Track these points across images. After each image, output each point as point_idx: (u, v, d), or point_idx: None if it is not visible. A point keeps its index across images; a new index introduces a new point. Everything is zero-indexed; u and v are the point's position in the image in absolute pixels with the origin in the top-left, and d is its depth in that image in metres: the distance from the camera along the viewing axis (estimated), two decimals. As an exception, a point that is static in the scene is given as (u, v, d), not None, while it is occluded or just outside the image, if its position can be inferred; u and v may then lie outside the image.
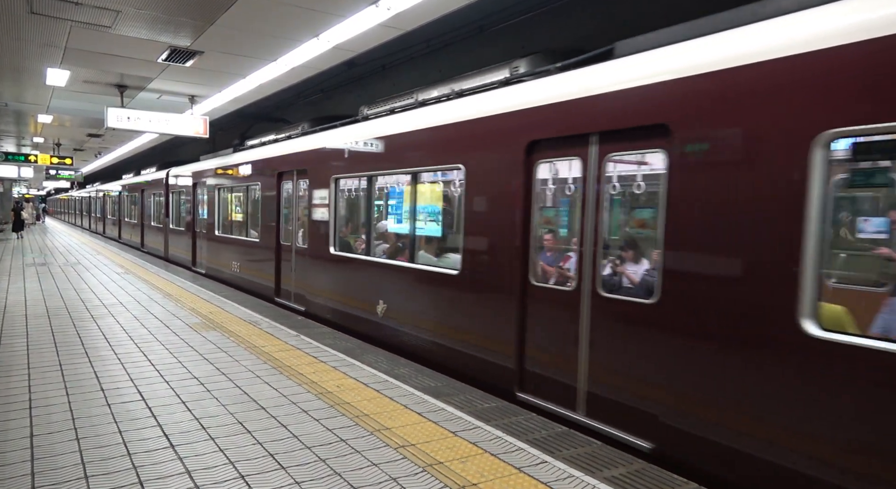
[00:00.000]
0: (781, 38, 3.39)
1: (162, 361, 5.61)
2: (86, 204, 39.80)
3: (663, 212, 3.98)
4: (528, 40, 7.85)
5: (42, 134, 20.70)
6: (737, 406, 3.52)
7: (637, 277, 4.53)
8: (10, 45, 9.06)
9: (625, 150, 4.37)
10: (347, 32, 7.72)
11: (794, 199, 3.26)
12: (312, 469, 3.41)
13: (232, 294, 10.06)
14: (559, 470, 3.47)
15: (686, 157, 3.83)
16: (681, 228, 3.85)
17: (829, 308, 3.38)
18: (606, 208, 4.50)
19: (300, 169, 9.32)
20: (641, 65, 4.20)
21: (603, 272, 4.54)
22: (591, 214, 4.57)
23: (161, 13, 7.46)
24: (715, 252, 3.65)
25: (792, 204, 3.26)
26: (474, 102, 5.83)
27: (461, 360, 5.81)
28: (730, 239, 3.57)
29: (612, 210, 4.58)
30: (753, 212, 3.45)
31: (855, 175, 3.40)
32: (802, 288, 3.21)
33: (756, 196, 3.44)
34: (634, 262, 4.65)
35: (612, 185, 4.48)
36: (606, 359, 4.39)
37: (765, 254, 3.38)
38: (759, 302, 3.40)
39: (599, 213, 4.51)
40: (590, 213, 4.57)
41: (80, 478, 3.21)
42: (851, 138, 3.18)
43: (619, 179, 4.47)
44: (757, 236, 3.43)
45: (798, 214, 3.24)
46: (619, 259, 4.66)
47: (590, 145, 4.57)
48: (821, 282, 3.25)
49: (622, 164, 4.47)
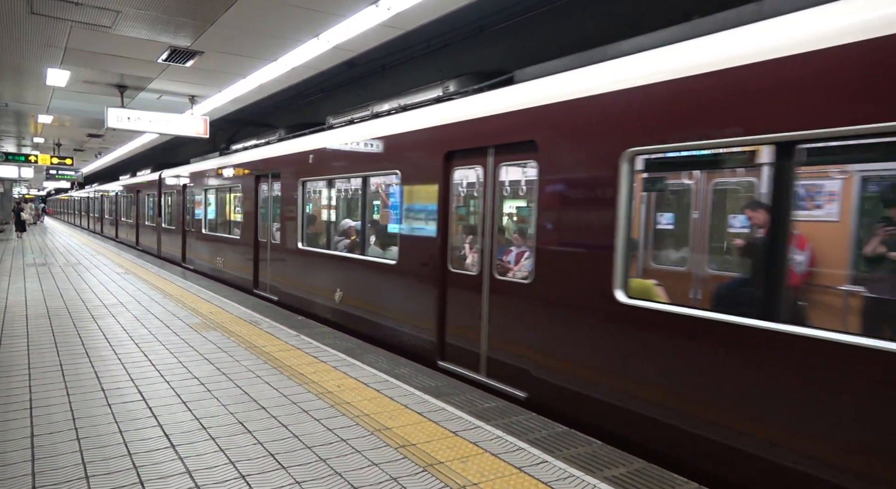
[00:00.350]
0: (600, 79, 4.46)
1: (162, 361, 5.61)
2: (84, 204, 40.50)
3: (535, 211, 4.99)
4: (528, 40, 7.85)
5: (42, 134, 20.71)
6: (579, 358, 4.57)
7: (522, 262, 5.55)
8: (10, 46, 9.07)
9: (511, 161, 5.41)
10: (347, 32, 7.72)
11: (608, 201, 4.31)
12: (313, 469, 3.41)
13: (231, 293, 10.06)
14: (559, 469, 3.47)
15: (547, 167, 4.86)
16: (546, 224, 4.87)
17: (638, 282, 4.43)
18: (499, 207, 5.57)
19: (274, 172, 10.25)
20: (521, 93, 5.22)
21: (498, 259, 5.57)
22: (489, 212, 5.57)
23: (161, 13, 7.46)
24: (566, 243, 4.71)
25: (607, 204, 4.31)
26: (408, 117, 6.78)
27: (401, 338, 6.73)
28: (575, 232, 4.64)
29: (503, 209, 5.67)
30: (586, 211, 4.53)
31: (646, 182, 4.57)
32: (615, 268, 4.25)
33: (587, 198, 4.52)
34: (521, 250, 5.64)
35: (504, 188, 5.56)
36: (499, 329, 5.42)
37: (594, 243, 4.44)
38: (591, 278, 4.45)
39: (494, 211, 5.53)
40: (488, 210, 5.58)
41: (80, 477, 3.21)
42: (645, 155, 4.21)
43: (509, 184, 5.56)
44: (589, 230, 4.48)
45: (612, 212, 4.28)
46: (509, 248, 5.73)
47: (488, 156, 5.58)
48: (628, 263, 4.28)
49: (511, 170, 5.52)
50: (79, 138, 21.65)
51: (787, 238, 3.44)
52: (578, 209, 4.59)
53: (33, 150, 25.22)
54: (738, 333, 3.51)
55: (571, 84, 4.72)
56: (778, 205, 3.49)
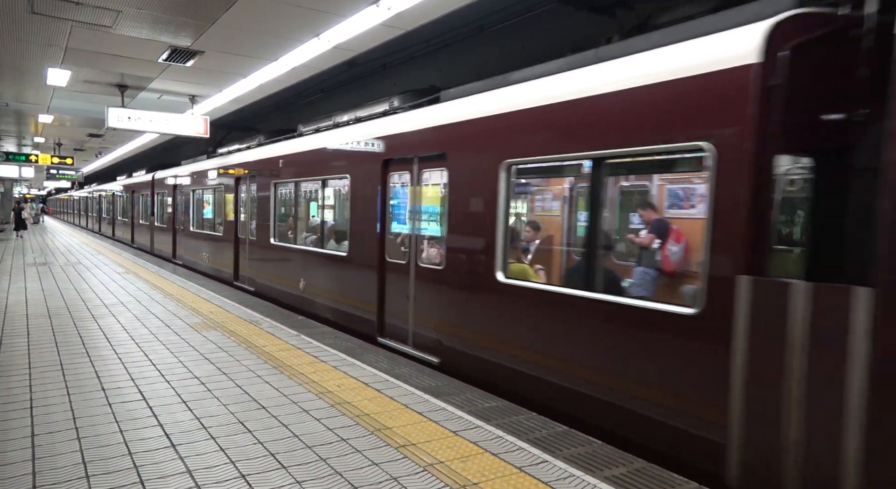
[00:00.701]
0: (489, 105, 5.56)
1: (163, 361, 5.62)
2: (83, 204, 41.54)
3: (446, 209, 6.01)
4: (528, 40, 7.85)
5: (43, 134, 20.71)
6: (471, 327, 5.72)
7: (437, 252, 6.43)
8: (11, 45, 9.07)
9: (430, 168, 6.42)
10: (348, 32, 7.72)
11: (493, 201, 5.36)
12: (313, 468, 3.41)
13: (231, 293, 10.07)
14: (560, 469, 3.47)
15: (453, 174, 5.93)
16: (453, 220, 5.92)
17: (517, 265, 5.64)
18: (418, 208, 6.62)
19: (251, 175, 11.33)
20: (437, 112, 6.28)
21: (421, 249, 6.60)
22: (415, 210, 6.66)
23: (162, 13, 7.46)
24: (465, 235, 5.78)
25: (492, 204, 5.37)
26: (357, 129, 7.85)
27: (350, 320, 7.80)
28: (471, 226, 5.67)
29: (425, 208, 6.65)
30: (478, 210, 5.56)
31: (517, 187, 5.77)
32: (497, 255, 5.34)
33: (478, 200, 5.57)
34: (437, 242, 6.47)
35: (430, 190, 6.53)
36: (421, 308, 6.46)
37: (483, 235, 5.50)
38: (481, 264, 5.53)
39: (414, 210, 6.65)
40: (414, 209, 6.67)
41: (80, 477, 3.21)
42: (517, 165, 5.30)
43: (430, 187, 6.53)
44: (480, 225, 5.52)
45: (494, 211, 5.34)
46: (428, 241, 6.64)
47: (413, 164, 6.63)
48: (506, 251, 5.35)
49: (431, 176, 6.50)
50: (79, 138, 21.66)
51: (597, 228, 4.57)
52: (473, 208, 5.67)
53: (34, 150, 25.22)
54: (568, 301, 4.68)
55: (470, 107, 5.81)
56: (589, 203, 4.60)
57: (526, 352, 5.05)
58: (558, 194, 6.42)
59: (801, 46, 3.45)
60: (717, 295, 3.58)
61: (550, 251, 6.20)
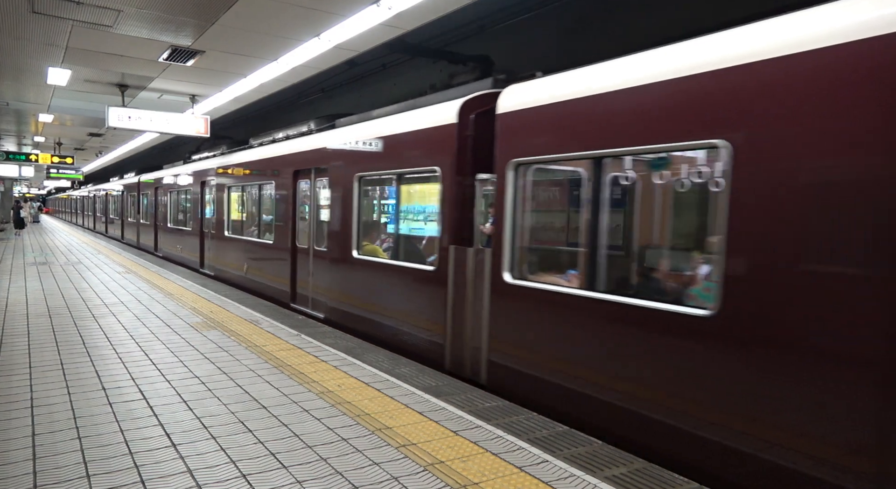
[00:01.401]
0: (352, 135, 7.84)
1: (163, 360, 5.62)
2: (80, 203, 43.30)
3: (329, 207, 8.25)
4: (528, 40, 7.85)
5: (43, 133, 20.69)
6: (341, 289, 7.98)
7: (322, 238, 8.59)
8: (11, 45, 9.07)
9: (322, 177, 8.66)
10: (348, 32, 7.71)
11: (350, 202, 7.69)
12: (314, 468, 3.41)
13: (232, 293, 10.07)
14: (560, 469, 3.47)
15: (332, 182, 8.23)
16: (333, 214, 8.16)
17: (370, 245, 7.69)
18: (319, 206, 8.71)
19: (210, 178, 13.58)
20: (324, 137, 8.60)
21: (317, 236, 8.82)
22: (314, 208, 8.89)
23: (162, 13, 7.46)
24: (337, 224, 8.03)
25: (349, 204, 7.70)
26: (280, 146, 10.18)
27: (275, 292, 10.01)
28: (340, 219, 7.93)
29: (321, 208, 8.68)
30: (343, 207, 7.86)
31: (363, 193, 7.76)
32: (352, 238, 7.65)
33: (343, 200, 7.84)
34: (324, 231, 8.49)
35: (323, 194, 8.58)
36: (317, 280, 8.70)
37: (345, 224, 7.79)
38: (345, 244, 7.81)
39: (317, 207, 8.79)
40: (313, 208, 8.91)
41: (81, 476, 3.22)
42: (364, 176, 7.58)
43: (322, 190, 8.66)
44: (345, 217, 7.80)
45: (351, 208, 7.66)
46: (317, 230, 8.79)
47: (312, 173, 8.97)
48: (360, 237, 7.63)
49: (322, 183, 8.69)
50: (79, 137, 21.64)
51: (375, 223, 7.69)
52: (340, 206, 7.92)
53: (34, 149, 25.21)
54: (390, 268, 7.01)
55: (337, 136, 8.17)
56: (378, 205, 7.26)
57: (373, 306, 7.19)
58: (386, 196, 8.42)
59: (480, 114, 5.77)
60: (441, 257, 6.02)
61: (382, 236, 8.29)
